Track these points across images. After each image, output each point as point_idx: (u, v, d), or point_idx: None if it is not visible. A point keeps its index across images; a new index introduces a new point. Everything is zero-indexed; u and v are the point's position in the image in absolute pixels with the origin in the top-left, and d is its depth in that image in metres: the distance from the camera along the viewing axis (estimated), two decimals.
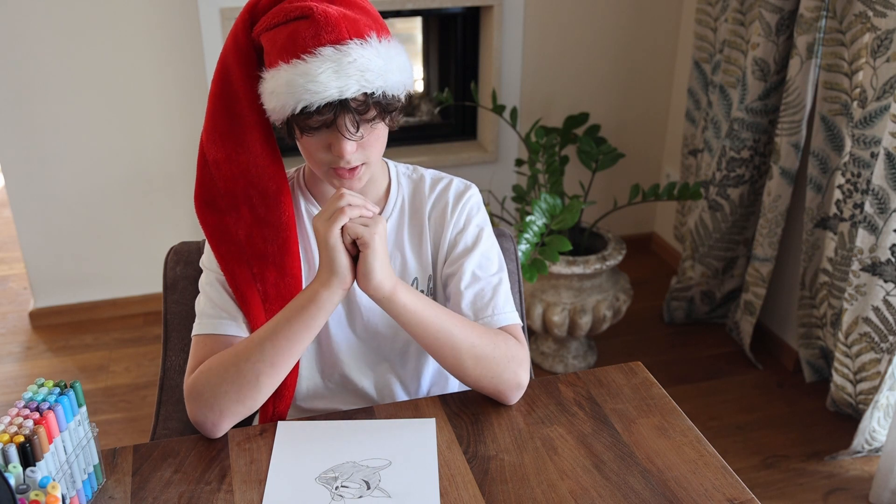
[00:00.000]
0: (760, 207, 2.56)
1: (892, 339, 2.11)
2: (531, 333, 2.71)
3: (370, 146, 1.11)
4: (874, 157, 2.09)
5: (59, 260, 2.84)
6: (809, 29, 2.22)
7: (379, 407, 1.20)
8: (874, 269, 2.09)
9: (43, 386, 0.98)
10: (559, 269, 2.45)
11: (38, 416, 0.94)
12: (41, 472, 0.91)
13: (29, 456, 0.90)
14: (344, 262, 1.08)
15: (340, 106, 1.04)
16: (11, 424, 0.92)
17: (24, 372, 2.67)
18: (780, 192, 2.45)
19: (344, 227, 1.06)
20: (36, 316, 2.91)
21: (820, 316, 2.43)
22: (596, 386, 1.24)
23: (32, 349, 2.79)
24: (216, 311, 1.17)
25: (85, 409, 1.01)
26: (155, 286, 2.94)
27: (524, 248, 2.23)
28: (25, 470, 0.89)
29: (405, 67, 1.09)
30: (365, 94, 1.04)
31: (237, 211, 1.17)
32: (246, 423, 1.34)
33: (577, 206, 2.33)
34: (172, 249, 1.40)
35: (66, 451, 0.97)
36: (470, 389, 1.27)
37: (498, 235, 1.39)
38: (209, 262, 1.21)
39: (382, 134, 1.13)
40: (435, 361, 1.33)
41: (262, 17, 1.10)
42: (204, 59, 2.61)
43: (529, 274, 2.20)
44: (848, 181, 2.18)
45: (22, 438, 0.90)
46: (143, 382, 2.61)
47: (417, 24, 3.06)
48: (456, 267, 1.23)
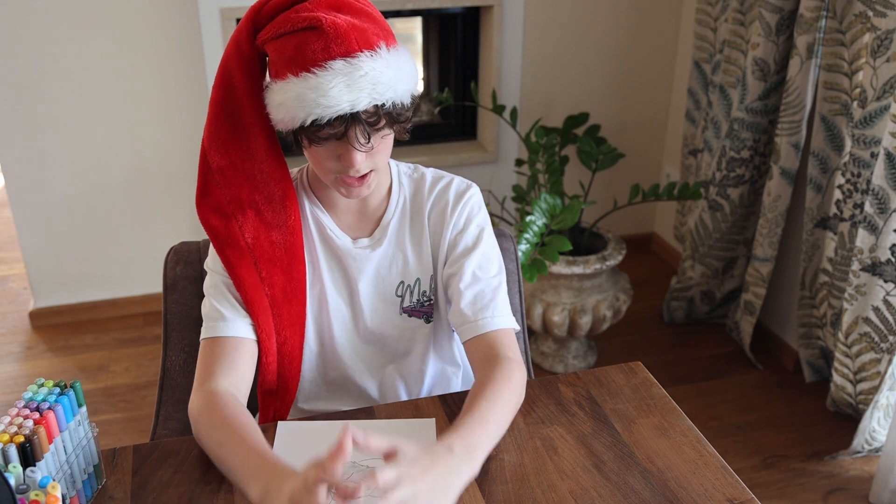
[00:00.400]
0: (760, 207, 2.56)
1: (892, 339, 2.11)
2: (531, 333, 2.71)
3: (379, 154, 1.11)
4: (874, 157, 2.09)
5: (59, 260, 2.84)
6: (809, 29, 2.22)
7: (379, 407, 1.20)
8: (874, 269, 2.09)
9: (43, 386, 0.98)
10: (559, 269, 2.45)
11: (38, 416, 0.94)
12: (41, 472, 0.91)
13: (29, 456, 0.90)
14: None
15: (351, 119, 1.03)
16: (11, 424, 0.92)
17: (24, 372, 2.67)
18: (780, 192, 2.45)
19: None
20: (36, 316, 2.91)
21: (820, 316, 2.43)
22: (596, 386, 1.24)
23: (32, 349, 2.79)
24: (221, 314, 1.16)
25: (85, 409, 1.01)
26: (155, 286, 2.94)
27: (524, 248, 2.23)
28: (25, 470, 0.89)
29: (412, 74, 1.09)
30: (375, 105, 1.03)
31: (243, 215, 1.16)
32: None
33: (577, 206, 2.33)
34: (172, 249, 1.40)
35: (66, 451, 0.97)
36: (470, 389, 1.27)
37: (498, 235, 1.38)
38: (214, 264, 1.19)
39: (390, 140, 1.13)
40: (437, 362, 1.33)
41: (266, 24, 1.07)
42: (204, 58, 2.61)
43: (529, 274, 2.20)
44: (848, 181, 2.18)
45: (22, 438, 0.90)
46: (143, 382, 2.61)
47: (417, 24, 3.06)
48: (456, 267, 1.22)
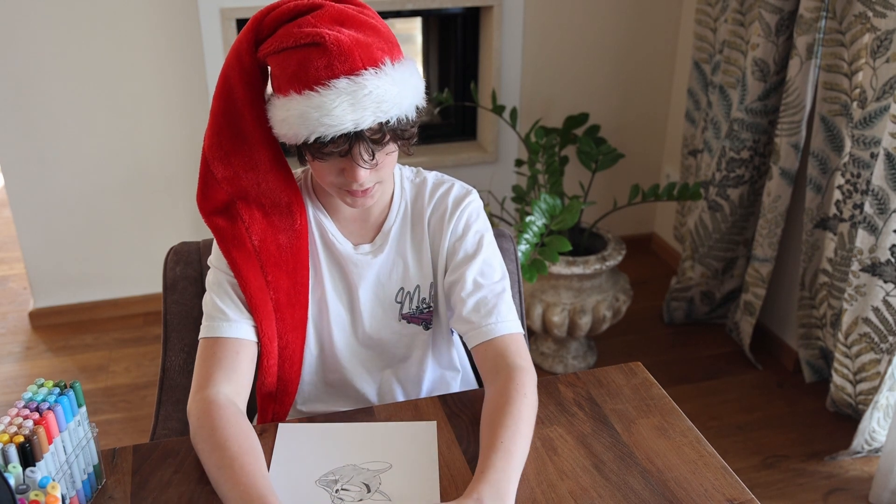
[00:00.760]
0: (760, 208, 2.56)
1: (891, 339, 2.11)
2: (531, 334, 2.71)
3: (383, 168, 1.10)
4: (874, 157, 2.09)
5: (59, 260, 2.84)
6: (809, 29, 2.22)
7: (378, 407, 1.20)
8: (874, 269, 2.09)
9: (43, 386, 0.98)
10: (559, 269, 2.45)
11: (37, 416, 0.94)
12: (41, 472, 0.91)
13: (29, 456, 0.90)
14: None
15: (356, 137, 1.02)
16: (11, 424, 0.92)
17: (24, 372, 2.67)
18: (779, 192, 2.45)
19: None
20: (36, 316, 2.91)
21: (820, 316, 2.43)
22: (596, 386, 1.24)
23: (32, 349, 2.79)
24: (224, 314, 1.15)
25: (85, 409, 1.01)
26: (155, 286, 2.93)
27: (524, 248, 2.23)
28: (25, 470, 0.89)
29: (418, 87, 1.08)
30: (380, 123, 1.02)
31: (250, 216, 1.15)
32: None
33: (576, 206, 2.33)
34: (172, 249, 1.40)
35: (65, 451, 0.97)
36: (470, 389, 1.27)
37: (497, 236, 1.38)
38: (218, 262, 1.18)
39: (395, 155, 1.12)
40: (436, 368, 1.33)
41: (267, 36, 1.05)
42: (204, 59, 2.61)
43: (529, 274, 2.20)
44: (848, 182, 2.18)
45: (22, 438, 0.90)
46: (143, 382, 2.61)
47: (417, 24, 3.06)
48: (458, 275, 1.21)
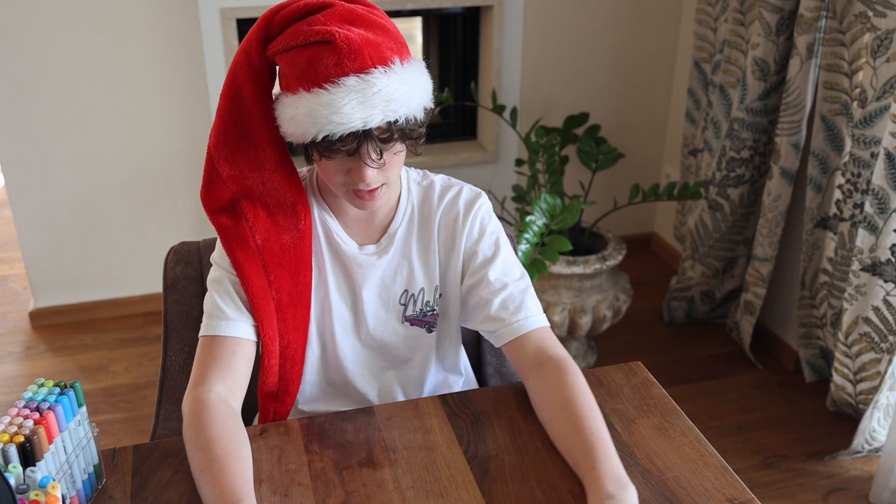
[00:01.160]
0: (760, 207, 2.56)
1: (892, 339, 2.11)
2: None
3: (391, 168, 1.11)
4: (874, 157, 2.09)
5: (59, 260, 2.84)
6: (809, 29, 2.22)
7: (379, 407, 1.20)
8: (874, 269, 2.09)
9: (43, 386, 0.98)
10: (559, 269, 2.45)
11: (38, 416, 0.94)
12: (41, 472, 0.91)
13: (29, 456, 0.90)
14: None
15: (364, 135, 1.02)
16: (11, 424, 0.92)
17: (24, 372, 2.67)
18: (780, 192, 2.45)
19: None
20: (36, 316, 2.91)
21: (820, 316, 2.43)
22: (596, 386, 1.24)
23: (32, 349, 2.79)
24: (223, 312, 1.15)
25: (85, 409, 1.01)
26: (155, 286, 2.93)
27: (524, 248, 2.23)
28: (25, 470, 0.89)
29: (426, 87, 1.08)
30: (388, 122, 1.03)
31: (254, 215, 1.15)
32: (246, 423, 1.35)
33: (577, 206, 2.32)
34: (172, 249, 1.40)
35: (66, 451, 0.97)
36: (470, 389, 1.27)
37: None
38: (221, 259, 1.18)
39: (402, 155, 1.12)
40: (439, 371, 1.33)
41: (277, 34, 1.06)
42: (204, 59, 2.61)
43: (529, 274, 2.20)
44: (848, 181, 2.18)
45: (22, 438, 0.90)
46: (143, 382, 2.61)
47: (417, 24, 3.06)
48: (479, 277, 1.22)
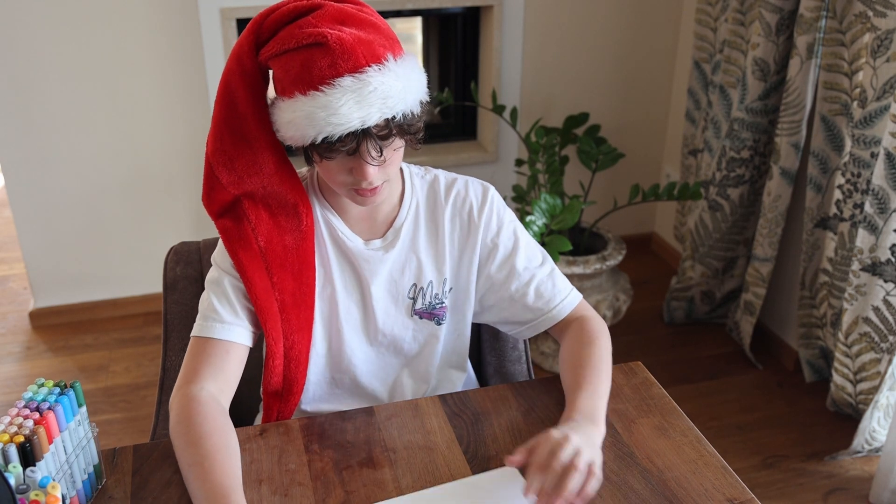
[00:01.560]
0: (760, 207, 2.56)
1: (892, 339, 2.11)
2: None
3: (391, 165, 1.11)
4: (874, 157, 2.09)
5: (59, 260, 2.84)
6: (809, 29, 2.22)
7: (379, 407, 1.20)
8: (874, 269, 2.09)
9: (43, 386, 0.98)
10: (559, 269, 2.44)
11: (38, 416, 0.94)
12: (41, 472, 0.91)
13: (29, 456, 0.90)
14: None
15: (363, 134, 1.03)
16: (11, 424, 0.92)
17: (24, 372, 2.67)
18: (780, 192, 2.45)
19: None
20: (36, 316, 2.91)
21: (820, 316, 2.43)
22: None
23: (32, 349, 2.79)
24: (219, 315, 1.14)
25: (85, 409, 1.01)
26: (155, 286, 2.93)
27: None
28: (25, 470, 0.89)
29: (420, 81, 1.08)
30: (386, 119, 1.03)
31: (257, 217, 1.15)
32: (246, 423, 1.35)
33: (577, 206, 2.32)
34: (172, 249, 1.40)
35: (66, 451, 0.97)
36: (470, 389, 1.27)
37: None
38: (222, 260, 1.17)
39: (402, 151, 1.12)
40: (444, 365, 1.33)
41: (268, 38, 1.06)
42: (204, 59, 2.61)
43: None
44: (848, 181, 2.18)
45: (22, 438, 0.90)
46: (143, 382, 2.61)
47: (417, 24, 3.06)
48: (507, 269, 1.25)
